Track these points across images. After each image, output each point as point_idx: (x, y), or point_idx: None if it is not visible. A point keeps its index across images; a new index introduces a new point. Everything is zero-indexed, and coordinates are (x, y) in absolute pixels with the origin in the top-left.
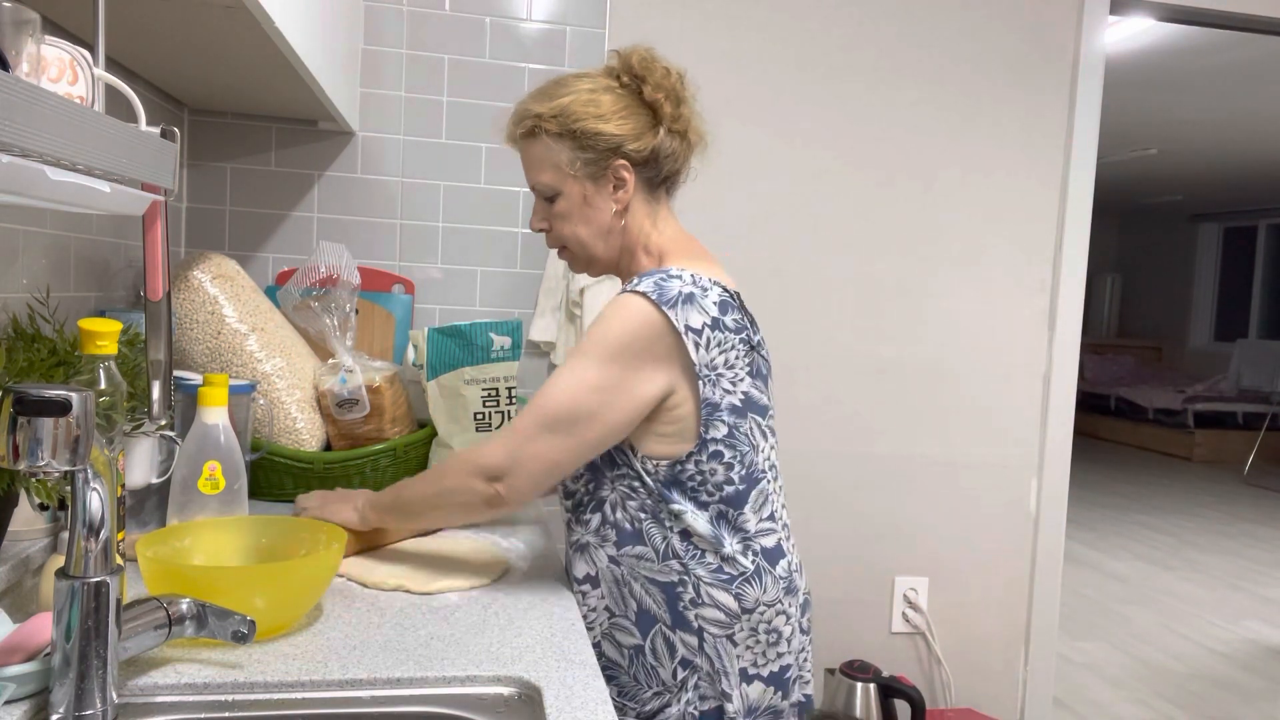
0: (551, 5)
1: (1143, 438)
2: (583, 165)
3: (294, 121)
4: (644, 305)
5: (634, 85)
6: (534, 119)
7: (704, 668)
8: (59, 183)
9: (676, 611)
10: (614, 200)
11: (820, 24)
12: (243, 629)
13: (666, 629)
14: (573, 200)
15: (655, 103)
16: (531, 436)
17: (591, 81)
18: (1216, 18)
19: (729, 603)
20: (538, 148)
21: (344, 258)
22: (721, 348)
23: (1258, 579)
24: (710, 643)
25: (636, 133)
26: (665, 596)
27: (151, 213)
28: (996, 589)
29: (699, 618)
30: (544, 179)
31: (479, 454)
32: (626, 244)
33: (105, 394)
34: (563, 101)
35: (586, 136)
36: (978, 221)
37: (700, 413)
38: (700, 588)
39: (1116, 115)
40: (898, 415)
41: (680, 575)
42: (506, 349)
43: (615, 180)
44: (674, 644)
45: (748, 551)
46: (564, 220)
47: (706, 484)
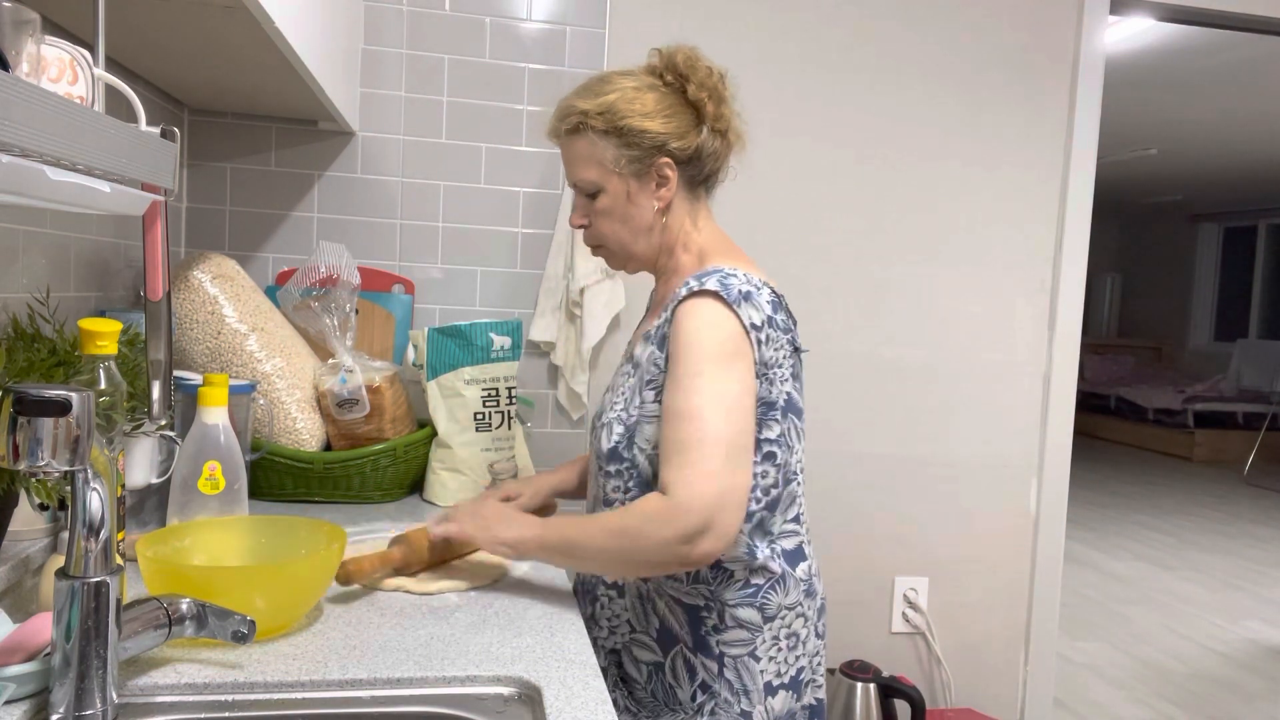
0: (551, 5)
1: (1143, 438)
2: (627, 163)
3: (294, 121)
4: (720, 305)
5: (677, 84)
6: (579, 115)
7: (723, 694)
8: (59, 183)
9: (699, 635)
10: (656, 198)
11: (820, 24)
12: (243, 629)
13: (688, 651)
14: (615, 197)
15: (699, 102)
16: (721, 474)
17: (635, 79)
18: (1216, 18)
19: (753, 618)
20: (582, 144)
21: (344, 258)
22: (774, 345)
23: (1258, 579)
24: (731, 665)
25: (680, 131)
26: (688, 619)
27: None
28: (996, 589)
29: (720, 643)
30: (587, 175)
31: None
32: (666, 242)
33: (105, 394)
34: (609, 98)
35: (632, 134)
36: (978, 221)
37: (757, 412)
38: (724, 612)
39: (1116, 115)
40: (898, 415)
41: (706, 600)
42: (506, 349)
43: (658, 178)
44: (694, 667)
45: (774, 556)
46: (605, 217)
47: (757, 488)
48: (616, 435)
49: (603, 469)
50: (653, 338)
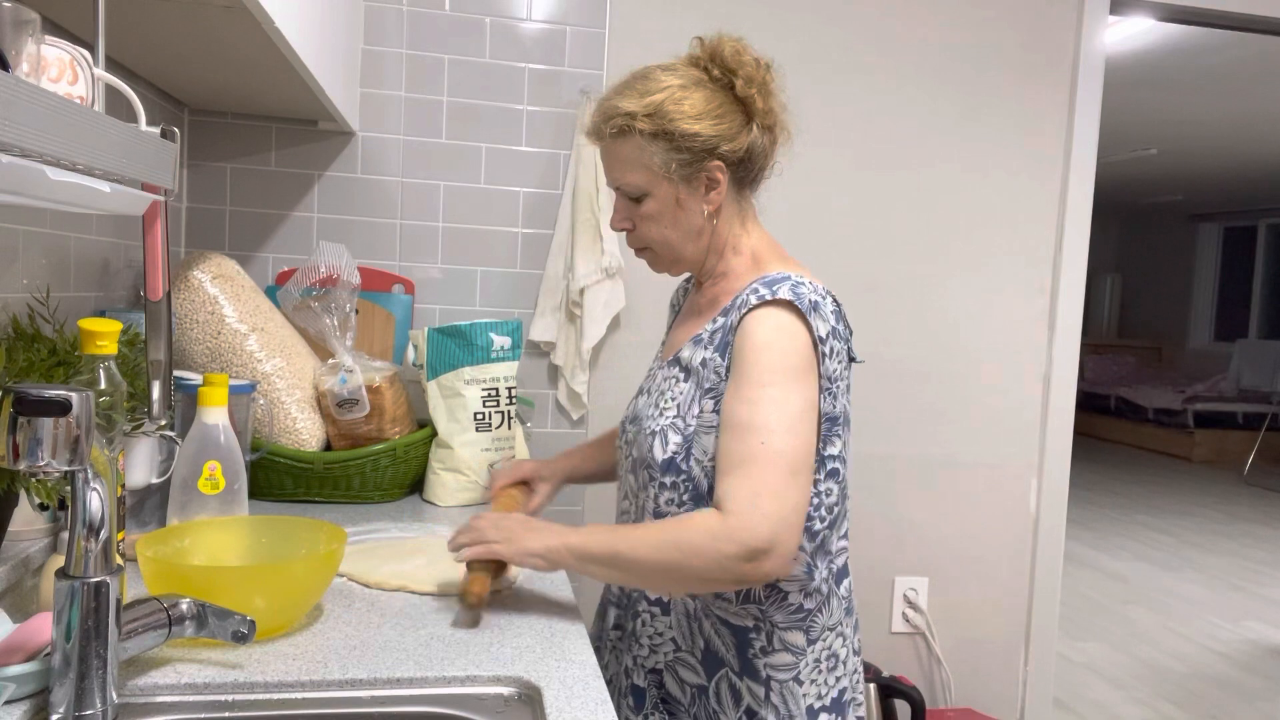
0: (551, 5)
1: (1143, 438)
2: (678, 167)
3: (294, 121)
4: (793, 315)
5: (725, 79)
6: (625, 117)
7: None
8: (59, 183)
9: (746, 659)
10: (706, 202)
11: (820, 24)
12: (243, 629)
13: (734, 675)
14: (664, 202)
15: (748, 98)
16: (784, 493)
17: (680, 75)
18: (1216, 18)
19: (799, 641)
20: (628, 147)
21: (344, 258)
22: (836, 357)
23: (1258, 579)
24: (777, 690)
25: (732, 133)
26: (736, 641)
27: (151, 213)
28: (996, 589)
29: (767, 666)
30: (633, 179)
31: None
32: (715, 245)
33: (105, 394)
34: (656, 98)
35: (682, 137)
36: (978, 222)
37: (820, 427)
38: (774, 635)
39: (1116, 115)
40: (898, 415)
41: (756, 621)
42: (506, 349)
43: (708, 181)
44: (739, 692)
45: (829, 576)
46: (652, 222)
47: (821, 506)
48: (674, 445)
49: (655, 479)
50: (707, 342)
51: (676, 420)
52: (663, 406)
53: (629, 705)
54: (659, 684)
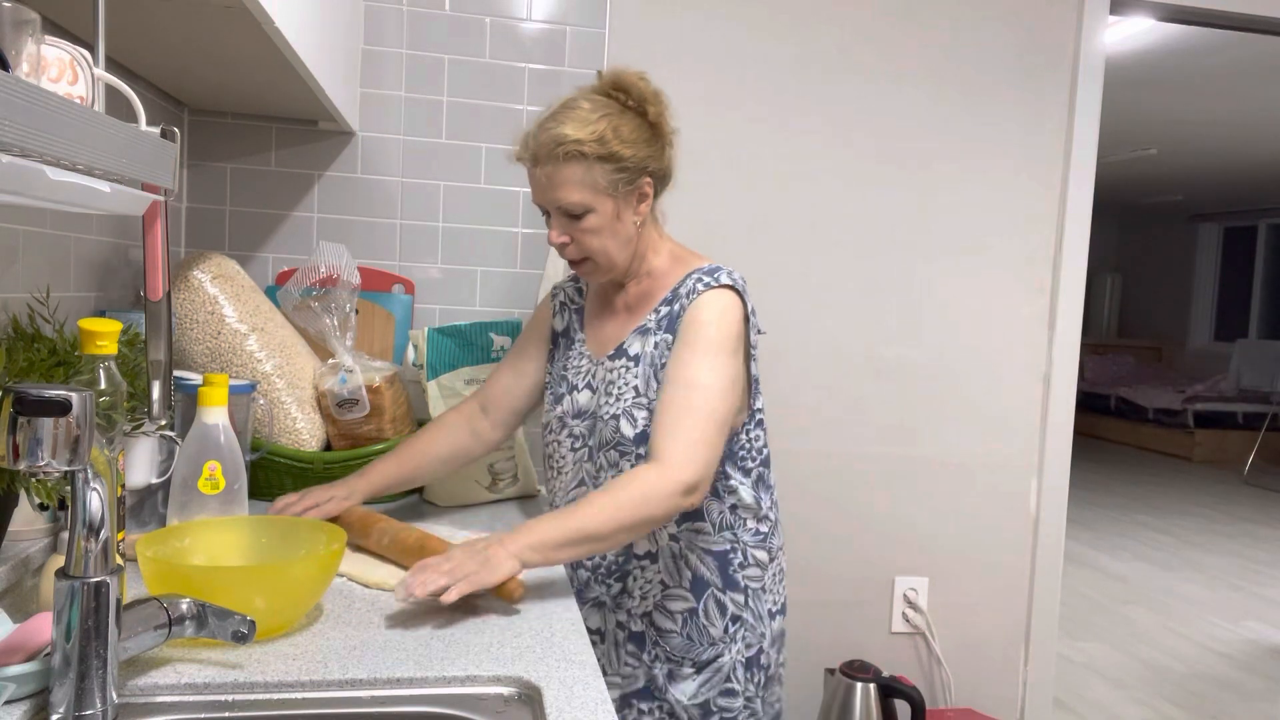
0: (551, 5)
1: (1143, 438)
2: (620, 185)
3: (294, 121)
4: (736, 297)
5: (639, 108)
6: (574, 144)
7: (748, 619)
8: (59, 183)
9: (727, 575)
10: (637, 214)
11: (820, 24)
12: (243, 629)
13: (718, 591)
14: (605, 217)
15: (659, 123)
16: (712, 442)
17: (604, 104)
18: (1216, 18)
19: (763, 557)
20: (574, 170)
21: (344, 258)
22: (754, 329)
23: (1258, 579)
24: (753, 595)
25: (657, 153)
26: (718, 564)
27: (151, 213)
28: (996, 589)
29: (745, 578)
30: (576, 198)
31: (675, 474)
32: (639, 250)
33: (105, 394)
34: (598, 127)
35: (622, 159)
36: (978, 221)
37: (751, 386)
38: (746, 551)
39: (1116, 115)
40: (897, 415)
41: (731, 543)
42: (506, 349)
43: (639, 196)
44: (724, 603)
45: (773, 505)
46: (593, 235)
47: (751, 450)
48: (643, 421)
49: (629, 453)
50: (654, 329)
51: (639, 400)
52: (618, 394)
53: (629, 652)
54: (652, 623)
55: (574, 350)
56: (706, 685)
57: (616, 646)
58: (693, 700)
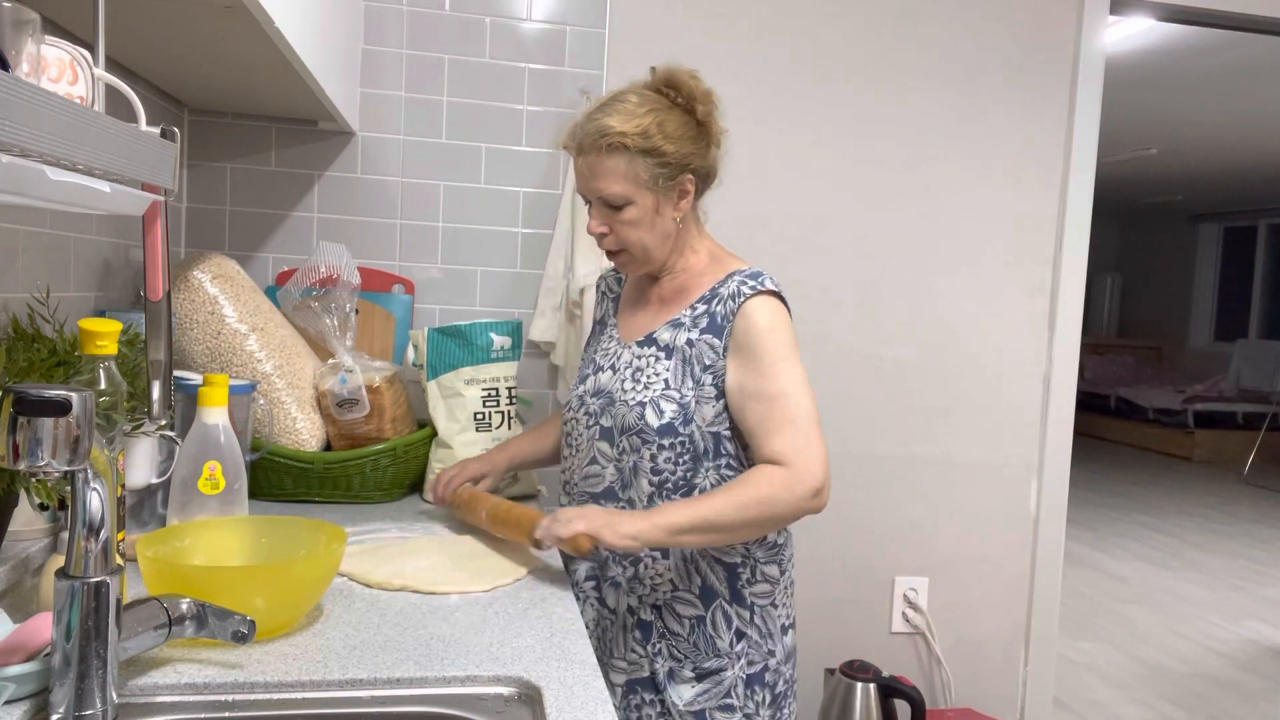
0: (551, 5)
1: (1143, 438)
2: (661, 180)
3: (294, 121)
4: (780, 303)
5: (687, 105)
6: (618, 135)
7: (753, 636)
8: (59, 183)
9: (735, 589)
10: (677, 210)
11: (820, 24)
12: (243, 629)
13: (725, 604)
14: (644, 210)
15: (707, 121)
16: (821, 440)
17: (653, 100)
18: (1216, 18)
19: (774, 573)
20: (617, 161)
21: (344, 258)
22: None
23: (1258, 579)
24: (759, 612)
25: (701, 151)
26: (727, 575)
27: (151, 213)
28: (996, 589)
29: (751, 594)
30: (617, 189)
31: (806, 478)
32: (678, 246)
33: (105, 394)
34: (644, 121)
35: (665, 155)
36: (978, 222)
37: None
38: (756, 567)
39: (1116, 115)
40: (897, 415)
41: (743, 556)
42: (506, 349)
43: (680, 192)
44: (730, 616)
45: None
46: (632, 227)
47: None
48: (670, 413)
49: (651, 442)
50: (690, 326)
51: (669, 392)
52: (646, 381)
53: (635, 639)
54: (661, 617)
55: (605, 334)
56: (705, 695)
57: (625, 631)
58: (689, 706)
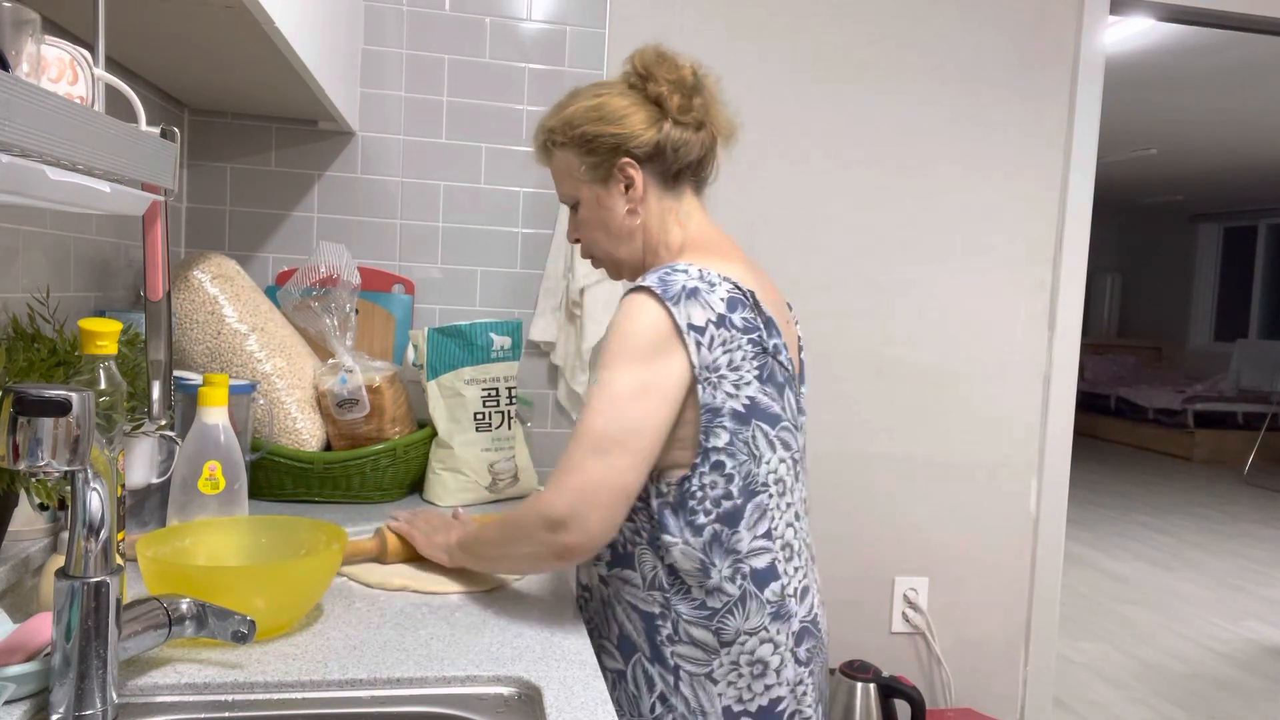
0: (551, 5)
1: (1143, 438)
2: (588, 169)
3: (294, 121)
4: (649, 301)
5: (640, 84)
6: (546, 133)
7: (680, 708)
8: (59, 183)
9: (654, 645)
10: (625, 200)
11: (820, 24)
12: (243, 629)
13: (646, 660)
14: (589, 205)
15: (659, 96)
16: (583, 468)
17: (604, 88)
18: (1216, 18)
19: (708, 639)
20: (555, 161)
21: (344, 258)
22: (726, 347)
23: (1258, 579)
24: (687, 681)
25: (638, 130)
26: (645, 626)
27: (151, 213)
28: (996, 589)
29: (675, 655)
30: (563, 189)
31: (541, 503)
32: (648, 243)
33: (105, 394)
34: (567, 112)
35: (588, 140)
36: (978, 222)
37: (701, 418)
38: (679, 625)
39: (1116, 115)
40: (898, 415)
41: (662, 608)
42: (506, 349)
43: (624, 179)
44: (652, 678)
45: (736, 576)
46: (587, 226)
47: (706, 499)
48: None
49: None
50: None
51: None
52: None
53: None
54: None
55: None
56: None
57: None
58: None
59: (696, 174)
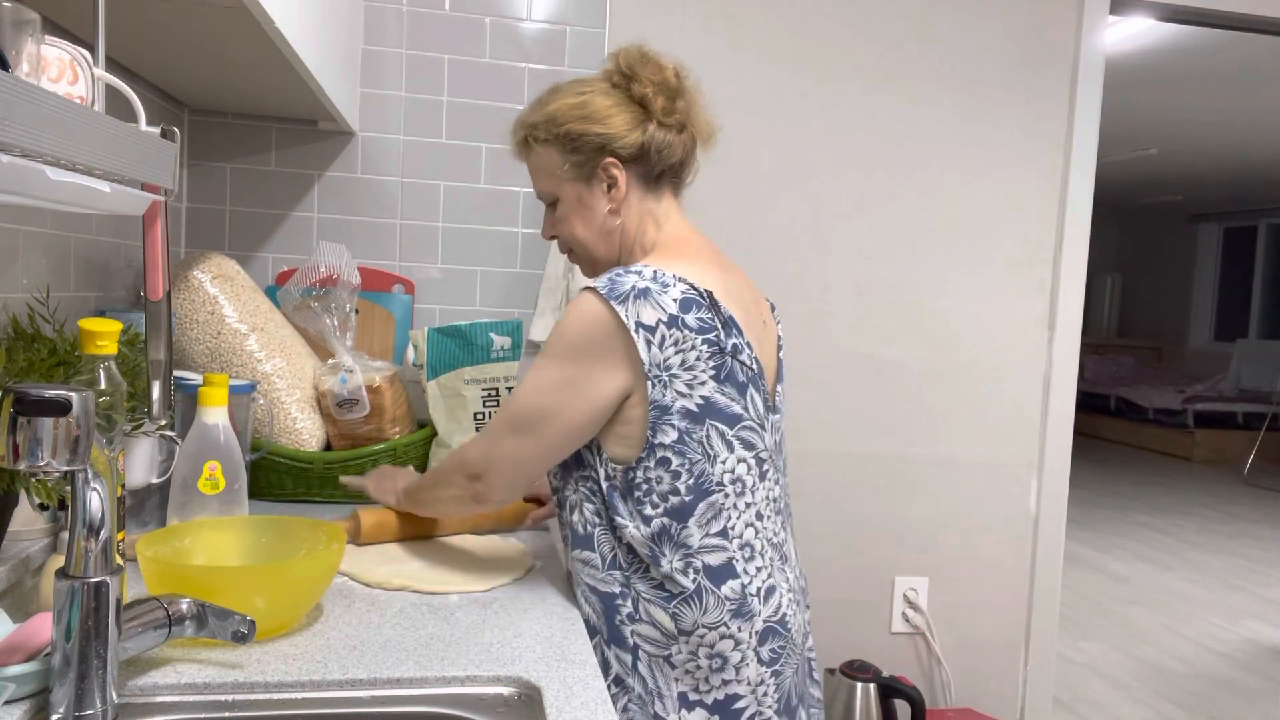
0: (551, 5)
1: (1143, 438)
2: (571, 167)
3: (294, 121)
4: (595, 302)
5: (624, 84)
6: (526, 129)
7: (636, 689)
8: (59, 183)
9: (613, 625)
10: (608, 200)
11: (820, 24)
12: (243, 629)
13: (604, 644)
14: (569, 203)
15: (644, 98)
16: (500, 438)
17: (586, 86)
18: (1216, 18)
19: (666, 622)
20: (535, 157)
21: (344, 258)
22: (679, 347)
23: (1258, 579)
24: (645, 662)
25: (623, 131)
26: (604, 608)
27: (151, 213)
28: (996, 589)
29: (635, 634)
30: (543, 185)
31: (464, 451)
32: (625, 243)
33: (105, 394)
34: (550, 109)
35: (572, 138)
36: (977, 222)
37: (649, 415)
38: (639, 603)
39: (1116, 115)
40: (898, 415)
41: (622, 587)
42: (506, 349)
43: (607, 179)
44: (609, 661)
45: (688, 569)
46: (565, 224)
47: (653, 493)
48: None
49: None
50: None
51: None
52: None
53: None
54: None
55: None
56: None
57: None
58: None
59: (677, 176)
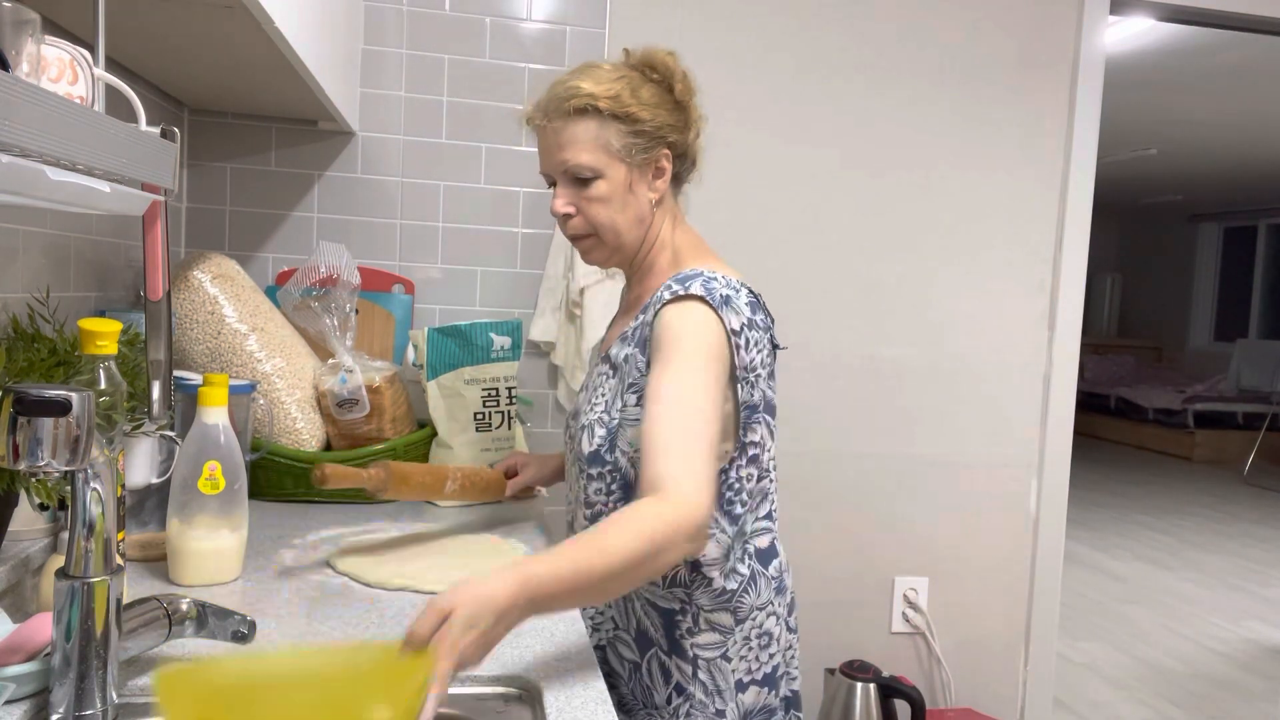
0: (551, 5)
1: (1143, 438)
2: (635, 151)
3: (294, 121)
4: (707, 309)
5: (664, 82)
6: (588, 97)
7: (697, 695)
8: (59, 183)
9: (673, 639)
10: (652, 189)
11: (820, 24)
12: (243, 629)
13: (663, 654)
14: (616, 185)
15: (685, 102)
16: (713, 475)
17: (625, 70)
18: (1216, 18)
19: (725, 620)
20: (586, 127)
21: (344, 258)
22: (757, 347)
23: (1258, 579)
24: (705, 667)
25: (679, 126)
26: (664, 622)
27: (151, 213)
28: (996, 589)
29: (694, 645)
30: (586, 159)
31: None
32: (649, 237)
33: (105, 394)
34: (615, 85)
35: (640, 121)
36: (978, 221)
37: (739, 415)
38: (699, 616)
39: (1116, 115)
40: (898, 415)
41: (682, 604)
42: (506, 349)
43: (656, 169)
44: (669, 670)
45: (745, 556)
46: (603, 205)
47: (743, 491)
48: (599, 438)
49: (584, 471)
50: (630, 339)
51: (603, 414)
52: (594, 402)
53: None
54: (604, 659)
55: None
56: None
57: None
58: None
59: (687, 178)
